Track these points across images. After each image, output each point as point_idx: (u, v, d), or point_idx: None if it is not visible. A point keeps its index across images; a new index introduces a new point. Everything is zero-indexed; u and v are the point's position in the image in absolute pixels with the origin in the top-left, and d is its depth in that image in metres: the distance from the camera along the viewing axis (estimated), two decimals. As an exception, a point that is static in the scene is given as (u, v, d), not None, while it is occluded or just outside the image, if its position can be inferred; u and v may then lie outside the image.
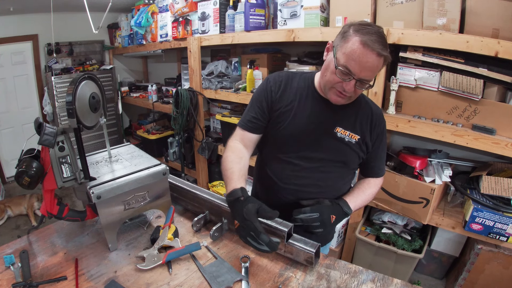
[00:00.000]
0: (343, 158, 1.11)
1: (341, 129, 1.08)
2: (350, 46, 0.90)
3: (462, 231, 1.69)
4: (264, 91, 1.14)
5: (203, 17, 2.56)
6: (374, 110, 1.12)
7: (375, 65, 0.90)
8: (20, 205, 3.04)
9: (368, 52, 0.88)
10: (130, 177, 1.00)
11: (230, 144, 1.15)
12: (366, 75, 0.92)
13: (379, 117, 1.13)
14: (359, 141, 1.09)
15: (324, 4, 1.93)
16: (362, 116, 1.10)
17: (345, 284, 0.88)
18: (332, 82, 0.98)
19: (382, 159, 1.19)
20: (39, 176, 0.86)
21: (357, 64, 0.90)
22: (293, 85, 1.13)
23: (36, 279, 0.87)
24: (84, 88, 0.93)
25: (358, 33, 0.89)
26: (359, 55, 0.89)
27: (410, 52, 1.68)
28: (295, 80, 1.14)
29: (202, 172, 3.09)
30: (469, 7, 1.49)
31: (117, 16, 3.81)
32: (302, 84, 1.13)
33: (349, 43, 0.90)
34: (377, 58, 0.88)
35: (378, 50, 0.87)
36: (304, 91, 1.11)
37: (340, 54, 0.93)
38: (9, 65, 3.52)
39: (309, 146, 1.10)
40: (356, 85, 0.94)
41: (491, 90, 1.53)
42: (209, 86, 2.73)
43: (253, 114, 1.14)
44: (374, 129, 1.11)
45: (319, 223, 0.99)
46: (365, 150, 1.13)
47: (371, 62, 0.89)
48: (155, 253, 0.95)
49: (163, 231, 1.00)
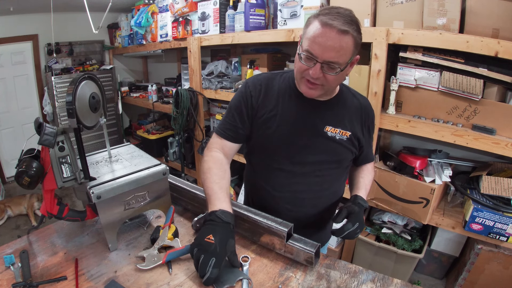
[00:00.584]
0: (336, 157, 1.08)
1: (331, 128, 1.04)
2: (311, 29, 0.87)
3: (462, 231, 1.69)
4: (243, 97, 1.07)
5: (203, 17, 2.56)
6: (363, 103, 1.10)
7: (338, 44, 0.84)
8: (20, 205, 3.04)
9: (327, 30, 0.83)
10: (130, 177, 0.99)
11: (210, 153, 1.08)
12: (330, 56, 0.85)
13: (368, 108, 1.11)
14: (350, 137, 1.06)
15: (324, 4, 1.93)
16: (351, 111, 1.07)
17: (345, 284, 0.88)
18: (300, 71, 0.94)
19: (371, 146, 1.19)
20: (39, 176, 0.86)
21: (318, 45, 0.85)
22: (274, 87, 1.07)
23: (36, 279, 0.87)
24: (84, 88, 0.93)
25: (319, 16, 0.86)
26: (318, 35, 0.84)
27: (410, 52, 1.68)
28: (276, 81, 1.08)
29: (202, 172, 3.08)
30: (469, 7, 1.49)
31: (117, 16, 3.81)
32: (283, 85, 1.07)
33: (310, 26, 0.88)
34: (337, 35, 0.83)
35: (338, 26, 0.82)
36: (286, 92, 1.05)
37: (304, 41, 0.90)
38: (9, 65, 3.52)
39: (301, 150, 1.05)
40: (323, 69, 0.88)
41: (491, 90, 1.53)
42: (209, 86, 2.73)
43: (233, 122, 1.08)
44: (365, 123, 1.09)
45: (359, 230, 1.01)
46: (357, 145, 1.10)
47: (332, 40, 0.83)
48: (155, 253, 0.94)
49: (163, 231, 1.00)
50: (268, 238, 1.00)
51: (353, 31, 0.84)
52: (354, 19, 0.86)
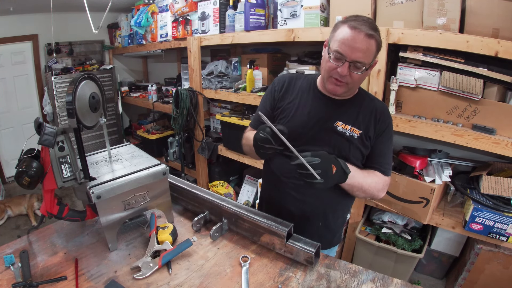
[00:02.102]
0: (343, 153, 1.09)
1: (341, 123, 1.08)
2: (340, 32, 0.97)
3: (462, 231, 1.69)
4: (269, 92, 1.22)
5: (203, 17, 2.56)
6: (379, 107, 1.12)
7: (365, 46, 0.95)
8: (20, 205, 3.04)
9: (356, 33, 0.94)
10: (130, 177, 0.99)
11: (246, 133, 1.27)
12: (357, 56, 0.95)
13: (384, 113, 1.11)
14: (361, 135, 1.08)
15: (324, 4, 1.93)
16: (365, 111, 1.10)
17: (345, 284, 0.88)
18: (328, 71, 1.02)
19: (386, 157, 1.14)
20: (39, 176, 0.86)
21: (347, 46, 0.95)
22: (297, 85, 1.18)
23: (36, 279, 0.87)
24: (84, 88, 0.93)
25: (346, 21, 0.97)
26: (348, 38, 0.95)
27: (410, 52, 1.68)
28: (299, 80, 1.20)
29: (202, 172, 3.09)
30: (469, 7, 1.49)
31: (117, 16, 3.81)
32: (305, 83, 1.18)
33: (338, 30, 0.98)
34: (365, 38, 0.94)
35: (366, 31, 0.93)
36: (306, 90, 1.16)
37: (332, 43, 1.00)
38: (9, 65, 3.52)
39: (309, 140, 1.10)
40: (350, 68, 0.98)
41: (491, 90, 1.53)
42: (209, 86, 2.73)
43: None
44: (377, 124, 1.10)
45: (320, 171, 0.91)
46: (369, 145, 1.11)
47: (360, 43, 0.94)
48: (149, 260, 0.93)
49: (151, 237, 0.99)
50: (268, 238, 1.00)
51: (377, 36, 0.97)
52: (377, 27, 0.97)
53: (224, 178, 3.05)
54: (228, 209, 1.08)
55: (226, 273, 0.92)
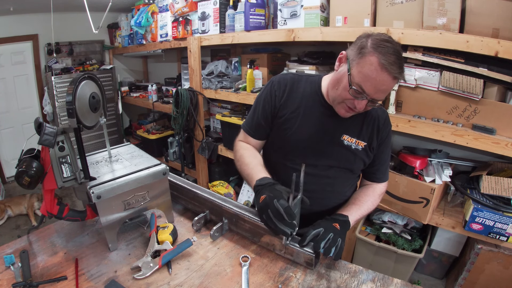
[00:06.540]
0: (349, 165, 1.10)
1: (347, 137, 1.07)
2: (367, 66, 0.86)
3: (462, 231, 1.69)
4: (268, 95, 1.12)
5: (203, 17, 2.56)
6: (381, 115, 1.11)
7: (390, 87, 0.91)
8: (20, 205, 3.04)
9: (385, 75, 0.85)
10: (130, 177, 0.99)
11: (241, 144, 1.19)
12: (379, 96, 0.91)
13: (385, 121, 1.11)
14: (365, 147, 1.08)
15: (324, 4, 1.93)
16: (369, 121, 1.09)
17: (345, 284, 0.88)
18: (343, 98, 0.96)
19: (385, 163, 1.16)
20: (39, 176, 0.86)
21: (373, 86, 0.88)
22: (299, 90, 1.10)
23: (36, 279, 0.87)
24: (84, 88, 0.93)
25: (376, 51, 0.85)
26: (375, 78, 0.86)
27: (410, 52, 1.68)
28: (301, 84, 1.11)
29: (202, 172, 3.09)
30: (469, 7, 1.49)
31: (117, 16, 3.81)
32: (309, 89, 1.10)
33: (366, 61, 0.87)
34: (392, 80, 0.87)
35: (395, 74, 0.85)
36: (310, 97, 1.08)
37: (356, 72, 0.90)
38: (9, 65, 3.52)
39: (316, 153, 1.08)
40: (368, 104, 0.93)
41: (491, 90, 1.53)
42: (209, 86, 2.73)
43: (256, 120, 1.14)
44: (379, 133, 1.10)
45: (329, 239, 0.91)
46: (371, 155, 1.12)
47: (386, 85, 0.88)
48: (149, 260, 0.93)
49: (151, 237, 0.99)
50: (268, 239, 1.00)
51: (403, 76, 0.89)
52: (403, 64, 0.88)
53: (224, 178, 3.05)
54: (229, 209, 1.08)
55: (226, 273, 0.92)
